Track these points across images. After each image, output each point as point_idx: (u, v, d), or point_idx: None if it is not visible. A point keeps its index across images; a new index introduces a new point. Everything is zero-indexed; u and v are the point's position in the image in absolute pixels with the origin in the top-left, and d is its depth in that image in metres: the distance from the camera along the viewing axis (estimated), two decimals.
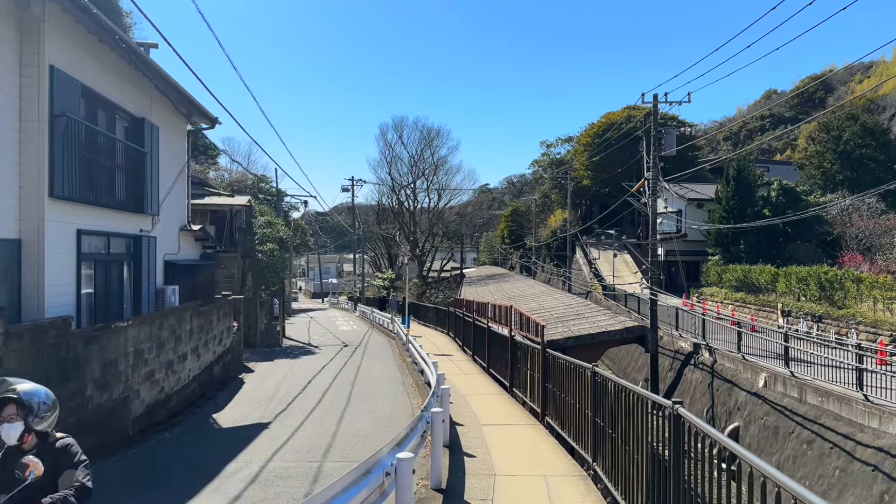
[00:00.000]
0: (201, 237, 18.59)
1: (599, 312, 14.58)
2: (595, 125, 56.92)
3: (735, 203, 38.66)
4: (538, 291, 22.91)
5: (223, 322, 18.25)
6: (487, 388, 14.44)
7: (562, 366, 8.98)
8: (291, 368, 20.15)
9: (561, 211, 61.02)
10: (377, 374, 18.44)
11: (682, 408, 4.52)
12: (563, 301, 18.04)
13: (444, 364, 18.74)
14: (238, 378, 18.48)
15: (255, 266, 27.36)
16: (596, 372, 7.05)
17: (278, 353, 24.58)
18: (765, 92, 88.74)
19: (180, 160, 17.04)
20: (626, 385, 5.98)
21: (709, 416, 21.70)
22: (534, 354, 11.08)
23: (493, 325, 16.07)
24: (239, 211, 29.67)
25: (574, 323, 13.74)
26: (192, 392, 14.59)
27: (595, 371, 7.07)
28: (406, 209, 58.92)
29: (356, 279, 64.48)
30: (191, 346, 14.40)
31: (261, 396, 15.26)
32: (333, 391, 15.61)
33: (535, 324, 11.25)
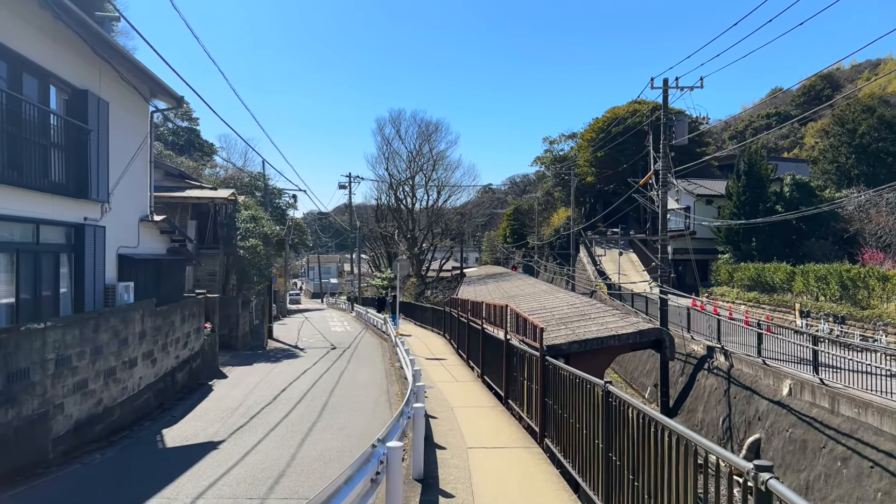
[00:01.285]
0: (167, 229, 16.86)
1: (607, 313, 12.83)
2: (599, 120, 55.14)
3: (746, 198, 36.89)
4: (539, 290, 21.15)
5: (190, 323, 16.52)
6: (479, 399, 12.68)
7: (564, 378, 7.22)
8: (269, 374, 18.42)
9: (564, 209, 59.27)
10: (361, 380, 16.69)
11: (777, 482, 2.73)
12: (567, 300, 16.27)
13: (436, 370, 16.99)
14: (207, 385, 16.75)
15: (237, 263, 25.63)
16: (609, 391, 5.29)
17: (260, 357, 22.85)
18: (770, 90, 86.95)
19: (140, 142, 15.31)
20: (660, 419, 4.22)
21: (725, 426, 19.92)
22: (531, 362, 9.33)
23: (488, 326, 14.34)
24: (222, 205, 27.96)
25: (579, 325, 11.97)
26: (146, 403, 12.85)
27: (608, 390, 5.31)
28: (404, 206, 57.14)
29: (350, 278, 62.74)
30: (143, 350, 12.66)
31: (225, 407, 13.52)
32: (307, 401, 13.86)
33: (532, 326, 9.50)
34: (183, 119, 71.00)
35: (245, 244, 25.03)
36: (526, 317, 10.14)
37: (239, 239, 25.35)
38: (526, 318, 10.14)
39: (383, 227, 58.99)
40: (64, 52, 11.53)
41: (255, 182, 75.33)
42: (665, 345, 10.34)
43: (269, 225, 27.17)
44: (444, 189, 56.54)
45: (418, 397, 8.84)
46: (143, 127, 15.56)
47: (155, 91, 15.87)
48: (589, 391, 6.05)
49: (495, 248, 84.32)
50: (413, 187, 56.81)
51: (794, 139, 75.33)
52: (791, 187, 37.06)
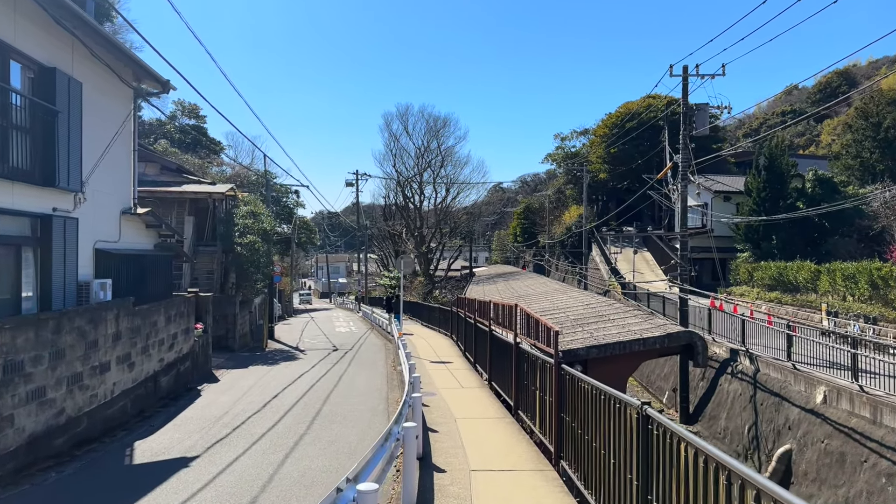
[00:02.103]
0: (153, 223, 15.77)
1: (629, 314, 11.60)
2: (613, 115, 53.74)
3: (766, 195, 35.45)
4: (551, 289, 19.92)
5: (177, 324, 15.42)
6: (486, 409, 11.47)
7: (585, 392, 6.02)
8: (263, 378, 17.30)
9: (576, 207, 57.91)
10: (360, 385, 15.53)
11: None
12: (582, 300, 15.03)
13: (440, 374, 15.81)
14: (196, 390, 15.64)
15: (235, 261, 24.55)
16: (650, 416, 4.08)
17: (257, 359, 21.75)
18: (785, 87, 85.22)
19: (122, 129, 14.22)
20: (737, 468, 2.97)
21: (752, 435, 18.61)
22: (544, 370, 8.13)
23: (496, 328, 13.13)
24: (221, 201, 26.91)
25: (597, 327, 10.74)
26: (121, 411, 11.74)
27: (648, 414, 4.10)
28: (412, 203, 55.94)
29: (359, 278, 61.63)
30: (117, 353, 11.55)
31: (209, 416, 12.40)
32: (299, 409, 12.71)
33: (545, 328, 8.30)
34: (190, 117, 70.53)
35: (243, 241, 23.94)
36: (538, 318, 8.94)
37: (237, 235, 24.25)
38: (538, 320, 8.95)
39: (391, 226, 57.79)
40: (27, 25, 10.44)
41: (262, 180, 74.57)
42: (697, 350, 9.10)
43: (269, 221, 26.06)
44: (452, 186, 55.26)
45: (414, 410, 7.65)
46: (125, 112, 14.46)
47: (140, 75, 14.79)
48: (618, 411, 4.85)
49: (505, 248, 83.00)
50: (421, 184, 55.57)
51: (810, 137, 73.72)
52: (813, 183, 35.58)
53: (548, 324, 8.16)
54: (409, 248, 54.95)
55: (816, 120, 73.90)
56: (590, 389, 5.86)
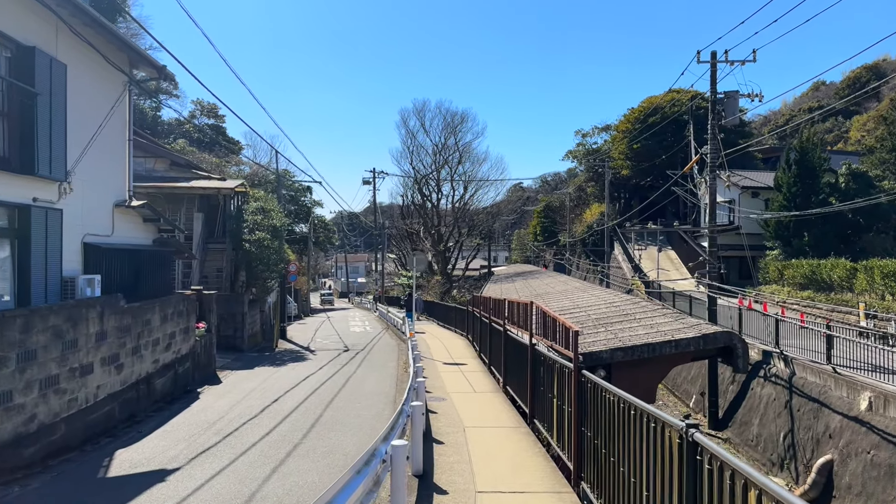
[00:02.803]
0: (151, 217, 14.98)
1: (656, 312, 10.54)
2: (635, 110, 52.36)
3: (797, 190, 34.00)
4: (572, 287, 18.87)
5: (174, 322, 14.62)
6: (499, 416, 10.48)
7: (610, 405, 5.02)
8: (268, 380, 16.46)
9: (597, 204, 56.61)
10: (367, 388, 14.61)
11: None
12: (604, 297, 13.98)
13: (452, 377, 14.84)
14: (195, 393, 14.84)
15: (243, 258, 23.79)
16: (697, 442, 3.07)
17: (265, 360, 20.95)
18: (812, 83, 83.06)
19: (112, 115, 13.44)
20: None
21: (787, 444, 17.39)
22: (562, 375, 7.14)
23: (511, 328, 12.14)
24: (231, 197, 26.20)
25: (622, 327, 9.70)
26: (107, 416, 10.93)
27: (694, 439, 3.10)
28: (429, 201, 54.99)
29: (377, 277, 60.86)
30: (102, 354, 10.74)
31: (202, 421, 11.56)
32: (298, 415, 11.82)
33: (564, 328, 7.30)
34: (209, 117, 70.51)
35: (251, 237, 23.15)
36: (555, 316, 7.94)
37: (246, 232, 23.49)
38: (555, 318, 7.94)
39: (409, 225, 56.90)
40: (8, 5, 9.68)
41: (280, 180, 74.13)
42: (736, 353, 8.00)
43: (280, 217, 25.27)
44: (470, 184, 54.20)
45: (414, 422, 6.69)
46: (114, 95, 13.65)
47: (134, 61, 14.04)
48: (655, 432, 3.84)
49: (525, 247, 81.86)
50: (438, 182, 54.60)
51: (838, 133, 71.69)
52: (846, 178, 34.04)
53: (566, 323, 7.15)
54: (426, 246, 54.08)
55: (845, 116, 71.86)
56: (616, 402, 4.85)
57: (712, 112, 21.20)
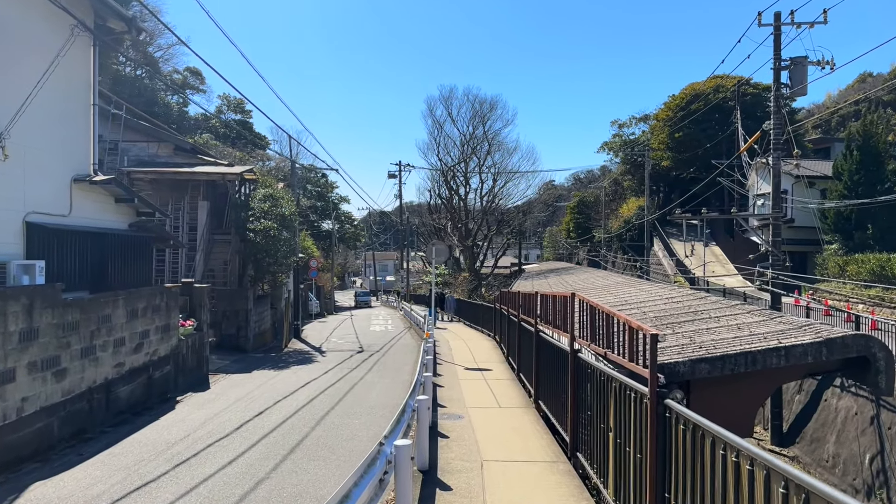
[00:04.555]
0: (124, 197, 12.86)
1: (737, 309, 8.00)
2: (676, 97, 49.24)
3: (860, 178, 30.79)
4: (613, 282, 16.33)
5: (148, 319, 12.47)
6: (530, 446, 8.04)
7: (732, 470, 2.56)
8: (262, 385, 14.26)
9: (635, 198, 53.60)
10: (371, 400, 12.28)
11: None
12: (658, 292, 11.44)
13: (474, 386, 12.44)
14: (173, 401, 12.69)
15: (248, 249, 21.70)
16: None
17: (268, 362, 18.80)
18: (858, 76, 78.67)
19: (72, 75, 11.35)
20: None
21: (876, 468, 14.61)
22: (626, 401, 4.72)
23: (544, 328, 9.71)
24: (237, 183, 24.17)
25: (695, 328, 7.22)
26: (39, 435, 8.77)
27: None
28: (456, 194, 52.55)
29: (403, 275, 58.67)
30: (31, 357, 8.59)
31: (161, 440, 9.36)
32: (279, 435, 9.53)
33: (627, 329, 4.86)
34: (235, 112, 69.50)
35: (255, 226, 21.02)
36: (611, 312, 5.51)
37: (250, 220, 21.38)
38: (612, 315, 5.52)
39: (436, 220, 54.53)
40: None
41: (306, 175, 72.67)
42: (877, 368, 5.53)
43: (290, 205, 23.11)
44: (500, 176, 51.57)
45: (399, 477, 4.30)
46: (80, 57, 11.56)
47: (101, 13, 11.94)
48: None
49: (558, 244, 79.03)
50: (466, 174, 52.10)
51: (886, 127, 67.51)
52: None
53: (631, 321, 4.72)
54: (454, 242, 51.67)
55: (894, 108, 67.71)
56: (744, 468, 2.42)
57: (776, 82, 18.41)
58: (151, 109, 47.12)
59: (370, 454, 4.21)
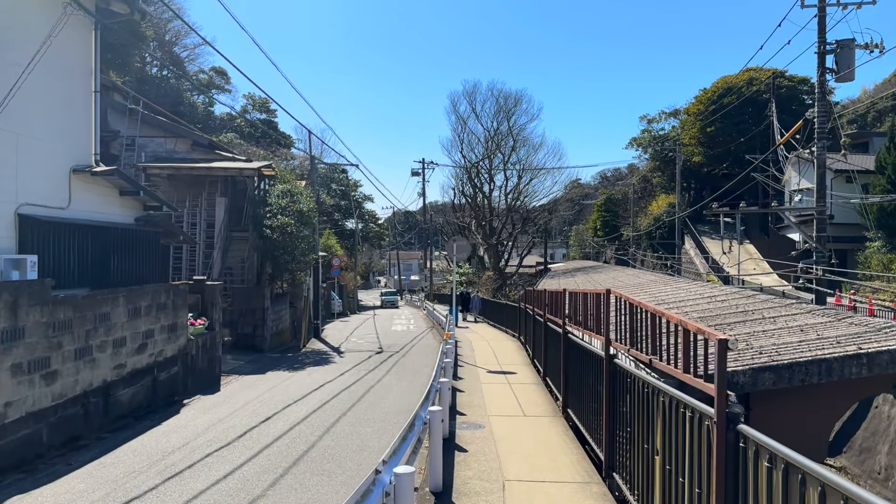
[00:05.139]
0: (129, 190, 12.23)
1: (793, 308, 7.02)
2: (708, 91, 47.78)
3: None
4: (646, 280, 15.35)
5: (153, 318, 11.84)
6: (559, 462, 7.17)
7: None
8: (275, 388, 13.56)
9: (665, 195, 52.18)
10: (386, 405, 11.49)
11: None
12: (698, 290, 10.48)
13: (497, 391, 11.60)
14: (179, 404, 12.04)
15: (264, 247, 21.07)
16: None
17: (283, 363, 18.14)
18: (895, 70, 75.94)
19: (71, 59, 10.75)
20: None
21: None
22: (681, 424, 3.84)
23: (573, 328, 8.83)
24: (254, 178, 23.60)
25: (749, 330, 6.29)
26: (26, 442, 8.13)
27: None
28: (480, 192, 51.60)
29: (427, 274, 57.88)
30: (15, 359, 7.93)
31: (159, 449, 8.67)
32: (284, 444, 8.78)
33: (683, 332, 3.98)
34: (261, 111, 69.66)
35: (272, 223, 20.38)
36: (657, 311, 4.63)
37: (267, 217, 20.76)
38: (658, 315, 4.64)
39: (459, 218, 53.62)
40: None
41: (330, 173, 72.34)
42: None
43: (308, 201, 22.45)
44: (525, 172, 50.46)
45: None
46: (75, 35, 10.94)
47: None
48: None
49: (584, 243, 77.65)
50: (490, 170, 51.10)
51: None
52: None
53: (688, 323, 3.84)
54: (478, 241, 50.77)
55: None
56: None
57: (821, 66, 17.23)
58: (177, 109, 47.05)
59: (362, 485, 3.40)
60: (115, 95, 23.36)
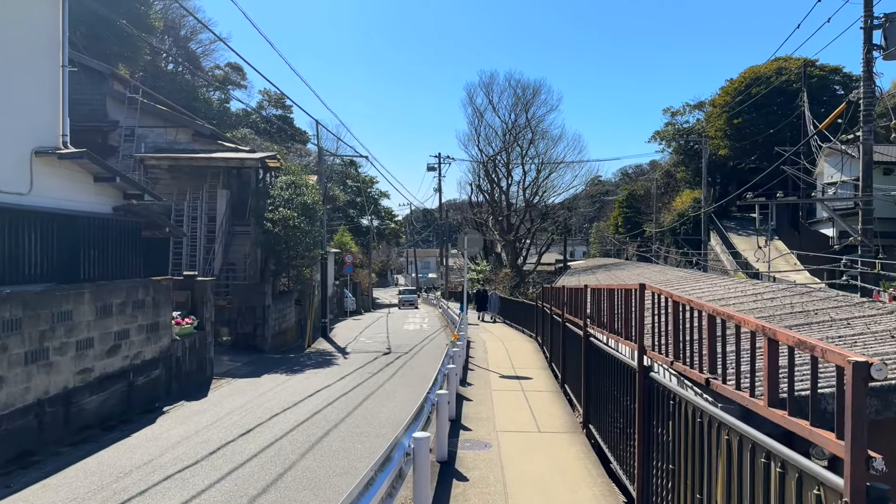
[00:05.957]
0: (104, 176, 11.11)
1: (870, 308, 5.78)
2: (735, 81, 45.95)
3: None
4: (674, 277, 13.99)
5: (128, 317, 10.72)
6: (578, 497, 5.90)
7: None
8: (266, 393, 12.40)
9: (689, 190, 50.40)
10: (384, 415, 10.27)
11: None
12: (738, 287, 9.15)
13: (509, 400, 10.33)
14: (158, 411, 10.91)
15: (266, 241, 19.96)
16: None
17: (283, 364, 17.00)
18: None
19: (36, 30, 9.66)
20: None
21: None
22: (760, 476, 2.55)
23: (596, 331, 7.55)
24: (257, 170, 22.54)
25: (821, 334, 4.98)
26: None
27: None
28: (497, 187, 50.21)
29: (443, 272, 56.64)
30: None
31: (115, 468, 7.53)
32: (258, 464, 7.59)
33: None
34: (276, 107, 69.02)
35: (273, 216, 19.25)
36: (718, 311, 3.34)
37: (269, 209, 19.64)
38: (720, 317, 3.36)
39: (476, 214, 52.29)
40: None
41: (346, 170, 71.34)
42: None
43: (313, 193, 21.28)
44: (544, 167, 48.97)
45: None
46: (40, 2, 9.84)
47: None
48: None
49: (605, 240, 75.93)
50: (508, 165, 49.67)
51: None
52: None
53: (777, 331, 2.56)
54: (495, 237, 49.41)
55: None
56: None
57: (867, 42, 15.69)
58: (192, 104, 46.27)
59: None
60: (114, 84, 22.38)
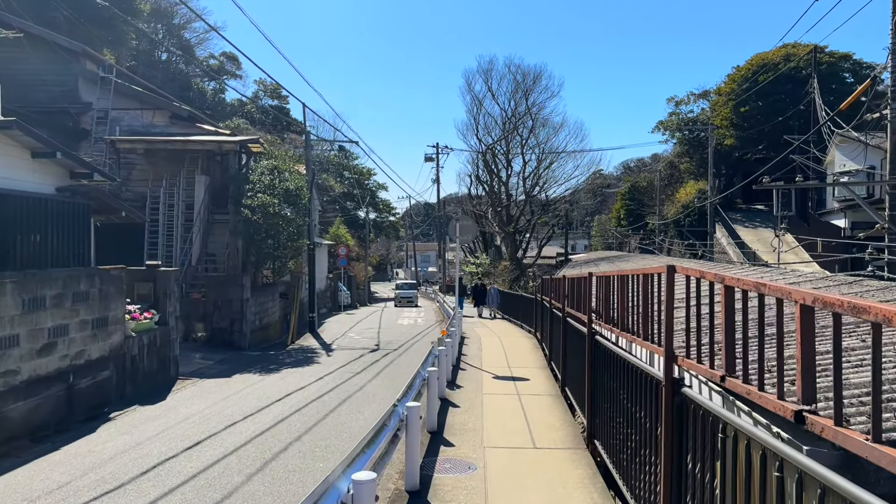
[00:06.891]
0: (42, 151, 9.78)
1: None
2: (742, 68, 44.52)
3: None
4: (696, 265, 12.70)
5: (69, 312, 9.40)
6: None
7: None
8: (230, 397, 11.09)
9: (694, 182, 49.02)
10: (359, 424, 8.94)
11: None
12: (769, 277, 7.79)
13: (503, 406, 9.00)
14: (105, 417, 9.61)
15: (245, 230, 18.63)
16: None
17: (260, 362, 15.69)
18: None
19: None
20: None
21: None
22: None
23: (602, 328, 6.25)
24: (236, 153, 21.19)
25: None
26: None
27: None
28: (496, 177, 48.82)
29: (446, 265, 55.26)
30: None
31: (26, 492, 6.25)
32: (196, 487, 6.30)
33: None
34: (272, 97, 67.77)
35: (252, 202, 17.92)
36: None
37: (247, 196, 18.31)
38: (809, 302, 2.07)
39: (476, 206, 50.92)
40: None
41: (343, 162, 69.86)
42: None
43: (296, 179, 19.94)
44: (545, 157, 47.57)
45: None
46: None
47: None
48: None
49: (607, 233, 74.62)
50: (508, 154, 48.26)
51: None
52: None
53: None
54: (494, 229, 48.07)
55: None
56: None
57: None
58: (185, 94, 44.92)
59: None
60: (86, 63, 21.00)
